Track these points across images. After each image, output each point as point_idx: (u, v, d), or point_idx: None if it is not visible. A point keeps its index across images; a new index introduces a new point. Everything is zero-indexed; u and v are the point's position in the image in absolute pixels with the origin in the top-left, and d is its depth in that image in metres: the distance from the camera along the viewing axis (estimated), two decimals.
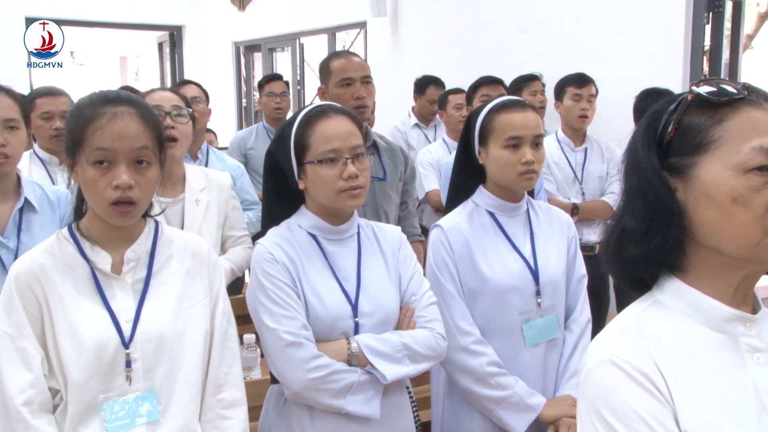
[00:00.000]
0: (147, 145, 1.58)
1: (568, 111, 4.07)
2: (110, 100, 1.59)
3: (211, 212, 2.81)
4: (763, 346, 1.07)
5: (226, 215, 2.90)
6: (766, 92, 1.07)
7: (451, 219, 2.18)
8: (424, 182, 4.38)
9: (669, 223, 1.06)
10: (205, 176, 2.87)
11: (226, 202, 2.90)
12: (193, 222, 2.73)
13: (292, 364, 1.77)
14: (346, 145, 1.85)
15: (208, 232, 2.76)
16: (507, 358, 2.10)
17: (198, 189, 2.79)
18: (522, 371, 2.11)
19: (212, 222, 2.81)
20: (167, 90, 2.91)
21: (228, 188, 2.93)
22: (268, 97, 4.84)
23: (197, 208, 2.77)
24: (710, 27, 4.55)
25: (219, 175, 2.99)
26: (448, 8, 5.92)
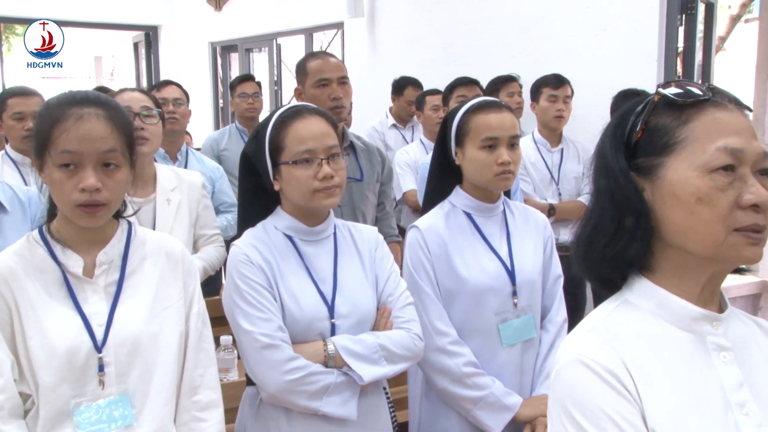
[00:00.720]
0: (114, 147, 1.56)
1: (544, 112, 4.10)
2: (78, 101, 1.56)
3: (182, 211, 2.80)
4: (729, 344, 1.09)
5: (197, 214, 2.89)
6: (730, 94, 1.09)
7: (428, 220, 2.18)
8: (402, 182, 4.39)
9: (637, 223, 1.07)
10: (176, 176, 2.86)
11: (197, 201, 2.89)
12: (164, 221, 2.72)
13: (268, 366, 1.76)
14: (321, 145, 1.85)
15: (180, 232, 2.75)
16: (484, 359, 2.11)
17: (169, 188, 2.78)
18: (498, 371, 2.12)
19: (184, 221, 2.81)
20: (136, 90, 2.90)
21: (199, 187, 2.93)
22: (240, 97, 4.83)
23: (169, 207, 2.76)
24: (683, 29, 4.60)
25: (190, 174, 2.98)
26: (426, 9, 5.93)
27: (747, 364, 1.09)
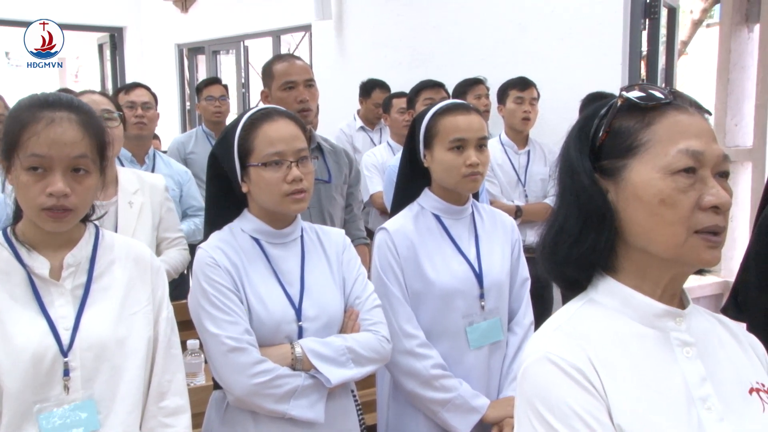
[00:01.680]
0: (85, 153, 1.53)
1: (511, 114, 4.13)
2: (50, 104, 1.54)
3: (145, 214, 2.79)
4: (692, 340, 1.11)
5: (160, 217, 2.87)
6: (691, 98, 1.11)
7: (397, 222, 2.19)
8: (369, 184, 4.39)
9: (601, 225, 1.09)
10: (138, 178, 2.84)
11: (160, 204, 2.87)
12: (126, 224, 2.70)
13: (235, 369, 1.75)
14: (290, 148, 1.84)
15: (142, 234, 2.73)
16: (451, 361, 2.12)
17: (131, 191, 2.77)
18: (466, 373, 2.13)
19: (146, 224, 2.79)
20: (97, 93, 2.88)
21: (162, 190, 2.91)
22: (207, 101, 4.81)
23: (131, 210, 2.74)
24: (647, 33, 4.67)
25: (152, 177, 2.97)
26: (393, 12, 5.94)
27: (709, 359, 1.11)
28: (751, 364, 1.15)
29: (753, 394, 1.10)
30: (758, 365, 1.17)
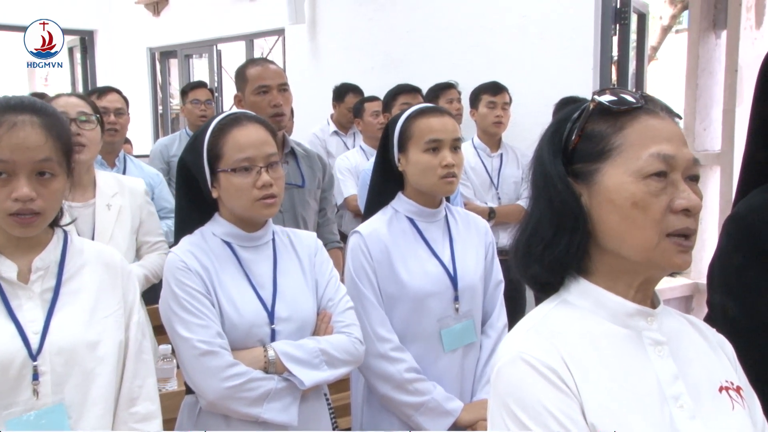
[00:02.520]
0: (50, 156, 1.51)
1: (484, 118, 4.16)
2: (12, 107, 1.51)
3: (124, 217, 2.75)
4: (664, 339, 1.12)
5: (140, 221, 2.84)
6: (661, 102, 1.12)
7: (370, 225, 2.19)
8: (343, 188, 4.40)
9: (574, 228, 1.09)
10: (117, 181, 2.81)
11: (140, 207, 2.84)
12: (104, 227, 2.67)
13: (207, 373, 1.75)
14: (260, 153, 1.84)
15: (121, 238, 2.70)
16: (425, 364, 2.12)
17: (110, 194, 2.73)
18: (440, 376, 2.13)
19: (125, 227, 2.76)
20: (73, 95, 2.84)
21: (142, 193, 2.88)
22: (192, 104, 4.81)
23: (109, 213, 2.70)
24: (617, 38, 4.73)
25: (132, 180, 2.93)
26: (366, 16, 5.96)
27: (680, 358, 1.12)
28: (720, 363, 1.17)
29: (722, 393, 1.12)
30: (727, 364, 1.18)
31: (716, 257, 1.55)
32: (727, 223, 1.52)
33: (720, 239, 1.54)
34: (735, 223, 1.50)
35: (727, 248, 1.51)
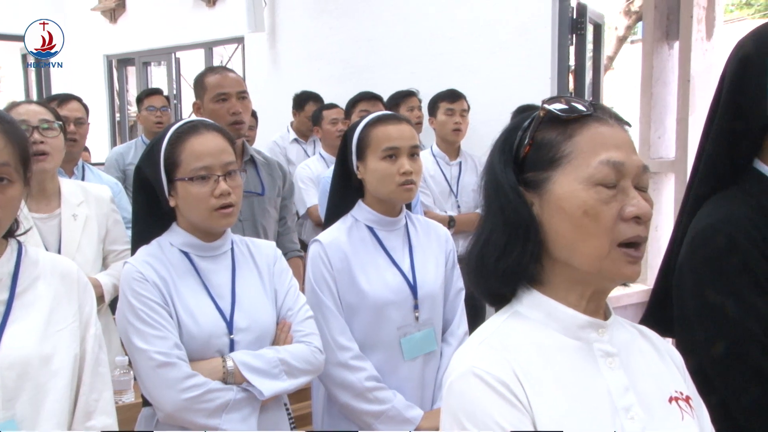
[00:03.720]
0: (7, 161, 1.48)
1: (442, 125, 4.19)
2: None
3: (90, 227, 2.71)
4: (614, 350, 1.11)
5: (107, 229, 2.79)
6: (611, 110, 1.12)
7: (330, 234, 2.19)
8: (305, 197, 4.38)
9: (526, 238, 1.08)
10: (83, 190, 2.76)
11: (106, 216, 2.80)
12: (71, 238, 2.62)
13: (165, 384, 1.72)
14: (217, 162, 1.83)
15: (88, 248, 2.66)
16: (385, 372, 2.12)
17: (75, 203, 2.68)
18: (400, 385, 2.13)
19: (92, 237, 2.71)
20: (34, 103, 2.78)
21: (108, 201, 2.83)
22: (148, 111, 4.75)
23: (75, 223, 2.65)
24: (574, 48, 4.80)
25: (98, 188, 2.88)
26: (327, 25, 5.96)
27: (631, 369, 1.12)
28: (669, 373, 1.17)
29: (672, 403, 1.12)
30: (676, 374, 1.19)
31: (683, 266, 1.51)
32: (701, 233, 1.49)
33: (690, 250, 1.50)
34: (711, 233, 1.46)
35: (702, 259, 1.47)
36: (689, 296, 1.49)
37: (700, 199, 1.57)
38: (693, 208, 1.57)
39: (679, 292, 1.52)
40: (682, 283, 1.51)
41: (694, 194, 1.59)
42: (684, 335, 1.53)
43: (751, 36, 1.51)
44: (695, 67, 5.50)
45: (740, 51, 1.51)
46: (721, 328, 1.42)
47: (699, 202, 1.56)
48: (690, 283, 1.49)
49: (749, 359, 1.39)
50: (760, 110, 1.47)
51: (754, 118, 1.48)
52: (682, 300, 1.52)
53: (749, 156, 1.53)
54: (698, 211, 1.54)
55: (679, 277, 1.53)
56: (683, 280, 1.51)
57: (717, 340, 1.43)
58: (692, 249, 1.49)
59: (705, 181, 1.57)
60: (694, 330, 1.48)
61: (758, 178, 1.50)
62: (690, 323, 1.49)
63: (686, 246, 1.51)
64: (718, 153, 1.55)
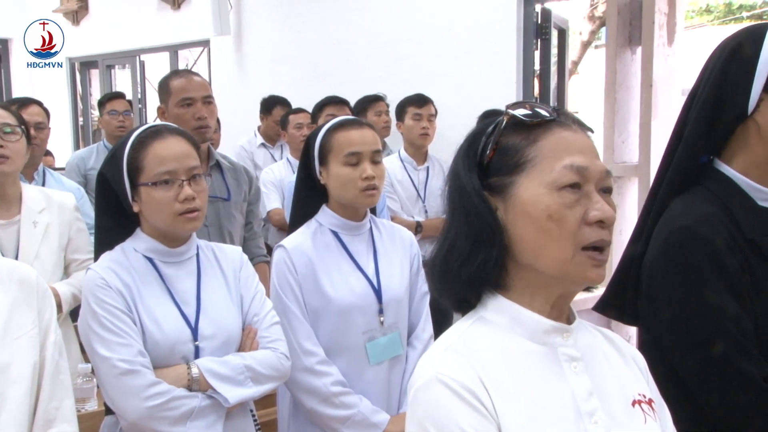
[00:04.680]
0: None
1: (410, 130, 4.20)
2: None
3: (51, 235, 2.66)
4: (579, 355, 1.12)
5: (69, 238, 2.75)
6: (574, 115, 1.13)
7: (295, 239, 2.18)
8: (266, 201, 4.36)
9: (491, 242, 1.08)
10: (45, 197, 2.71)
11: (69, 224, 2.75)
12: (29, 245, 2.57)
13: (128, 392, 1.70)
14: (182, 166, 1.81)
15: (46, 257, 2.61)
16: (351, 377, 2.12)
17: (36, 210, 2.64)
18: (366, 389, 2.13)
19: (52, 245, 2.66)
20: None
21: (71, 209, 2.79)
22: (110, 115, 4.69)
23: (35, 230, 2.61)
24: (539, 53, 4.85)
25: (61, 195, 2.83)
26: (294, 28, 5.95)
27: (595, 373, 1.12)
28: (633, 377, 1.18)
29: (636, 407, 1.13)
30: (639, 377, 1.19)
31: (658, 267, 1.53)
32: (676, 233, 1.52)
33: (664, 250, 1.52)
34: (688, 234, 1.48)
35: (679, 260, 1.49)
36: (664, 296, 1.50)
37: (666, 198, 1.59)
38: (660, 208, 1.59)
39: (650, 292, 1.54)
40: (653, 283, 1.53)
41: (662, 193, 1.60)
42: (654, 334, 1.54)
43: (744, 32, 1.52)
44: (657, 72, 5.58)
45: (730, 44, 1.52)
46: (698, 328, 1.45)
47: (665, 201, 1.58)
48: (665, 284, 1.51)
49: (726, 358, 1.41)
50: (738, 105, 1.49)
51: (731, 112, 1.50)
52: (653, 298, 1.53)
53: (711, 156, 1.55)
54: (666, 210, 1.56)
55: (650, 277, 1.54)
56: (655, 279, 1.53)
57: (695, 340, 1.45)
58: (666, 248, 1.50)
59: (672, 180, 1.59)
60: (667, 331, 1.50)
61: (719, 178, 1.52)
62: (663, 324, 1.51)
63: (660, 245, 1.52)
64: (691, 148, 1.56)
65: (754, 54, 1.48)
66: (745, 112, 1.49)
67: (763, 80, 1.47)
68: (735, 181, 1.50)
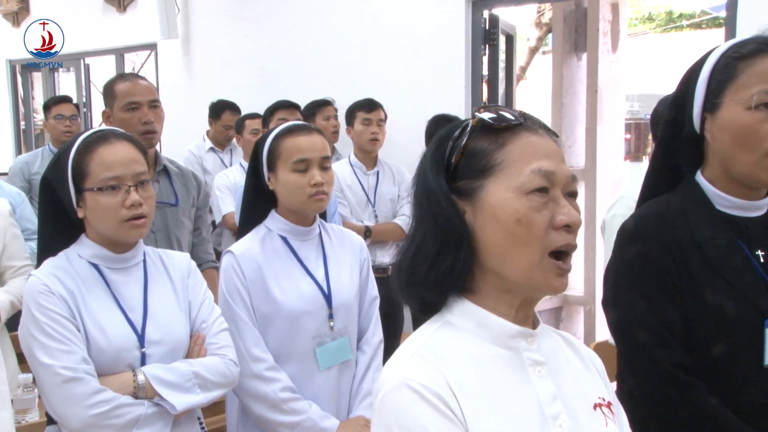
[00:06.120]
0: None
1: (359, 135, 4.19)
2: None
3: None
4: (543, 359, 1.13)
5: (4, 244, 2.68)
6: (539, 120, 1.14)
7: (243, 244, 2.17)
8: (221, 205, 4.33)
9: (459, 246, 1.08)
10: None
11: (3, 230, 2.68)
12: None
13: (71, 400, 1.67)
14: (128, 172, 1.79)
15: None
16: (301, 382, 2.11)
17: None
18: (316, 395, 2.13)
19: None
20: None
21: (6, 215, 2.72)
22: (56, 119, 4.60)
23: None
24: (487, 58, 4.90)
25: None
26: (242, 32, 5.90)
27: (558, 377, 1.13)
28: (593, 380, 1.20)
29: (597, 410, 1.14)
30: (599, 380, 1.21)
31: (610, 267, 1.63)
32: (620, 234, 1.60)
33: (614, 249, 1.62)
34: (626, 233, 1.59)
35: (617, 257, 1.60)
36: (606, 288, 1.63)
37: (639, 204, 1.67)
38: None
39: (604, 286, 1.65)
40: (605, 278, 1.65)
41: (638, 201, 1.70)
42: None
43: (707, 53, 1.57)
44: (602, 78, 5.72)
45: (694, 64, 1.59)
46: (623, 319, 1.57)
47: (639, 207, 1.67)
48: (607, 277, 1.63)
49: (644, 347, 1.52)
50: (690, 124, 1.57)
51: (687, 129, 1.57)
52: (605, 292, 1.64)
53: (692, 166, 1.61)
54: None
55: (605, 273, 1.65)
56: (606, 272, 1.64)
57: (622, 330, 1.58)
58: (615, 248, 1.61)
59: (642, 191, 1.68)
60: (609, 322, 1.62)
61: (691, 185, 1.59)
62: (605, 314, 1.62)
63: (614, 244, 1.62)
64: (658, 162, 1.67)
65: (699, 75, 1.55)
66: (695, 131, 1.56)
67: (701, 100, 1.54)
68: (702, 187, 1.57)
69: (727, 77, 1.49)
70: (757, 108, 1.44)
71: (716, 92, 1.51)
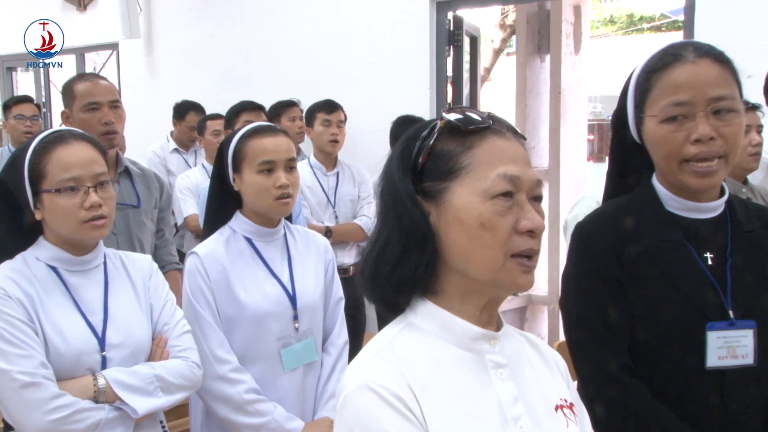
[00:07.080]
0: None
1: (319, 136, 4.19)
2: None
3: None
4: (505, 361, 1.13)
5: None
6: (508, 123, 1.14)
7: (207, 246, 2.15)
8: (183, 207, 4.29)
9: (423, 247, 1.08)
10: None
11: None
12: None
13: (29, 406, 1.64)
14: (87, 172, 1.76)
15: None
16: (265, 384, 2.10)
17: None
18: (281, 396, 2.12)
19: None
20: None
21: None
22: (16, 119, 4.53)
23: None
24: (452, 59, 4.93)
25: None
26: (206, 33, 5.85)
27: (520, 379, 1.14)
28: (555, 382, 1.21)
29: (558, 411, 1.15)
30: (561, 381, 1.22)
31: (565, 267, 1.66)
32: (572, 234, 1.63)
33: (568, 250, 1.66)
34: (576, 232, 1.62)
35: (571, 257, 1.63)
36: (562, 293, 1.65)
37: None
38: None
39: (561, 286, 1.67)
40: (561, 279, 1.67)
41: (602, 200, 1.73)
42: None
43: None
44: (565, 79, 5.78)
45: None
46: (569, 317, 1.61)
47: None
48: (564, 273, 1.66)
49: (584, 345, 1.56)
50: (630, 131, 1.60)
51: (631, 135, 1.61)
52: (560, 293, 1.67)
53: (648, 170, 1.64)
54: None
55: (562, 273, 1.68)
56: (562, 276, 1.67)
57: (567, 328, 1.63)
58: (568, 248, 1.66)
59: (604, 193, 1.72)
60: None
61: (647, 187, 1.62)
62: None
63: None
64: (612, 166, 1.70)
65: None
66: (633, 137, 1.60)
67: (632, 113, 1.58)
68: (656, 189, 1.59)
69: (644, 90, 1.53)
70: (666, 121, 1.48)
71: (639, 106, 1.55)
